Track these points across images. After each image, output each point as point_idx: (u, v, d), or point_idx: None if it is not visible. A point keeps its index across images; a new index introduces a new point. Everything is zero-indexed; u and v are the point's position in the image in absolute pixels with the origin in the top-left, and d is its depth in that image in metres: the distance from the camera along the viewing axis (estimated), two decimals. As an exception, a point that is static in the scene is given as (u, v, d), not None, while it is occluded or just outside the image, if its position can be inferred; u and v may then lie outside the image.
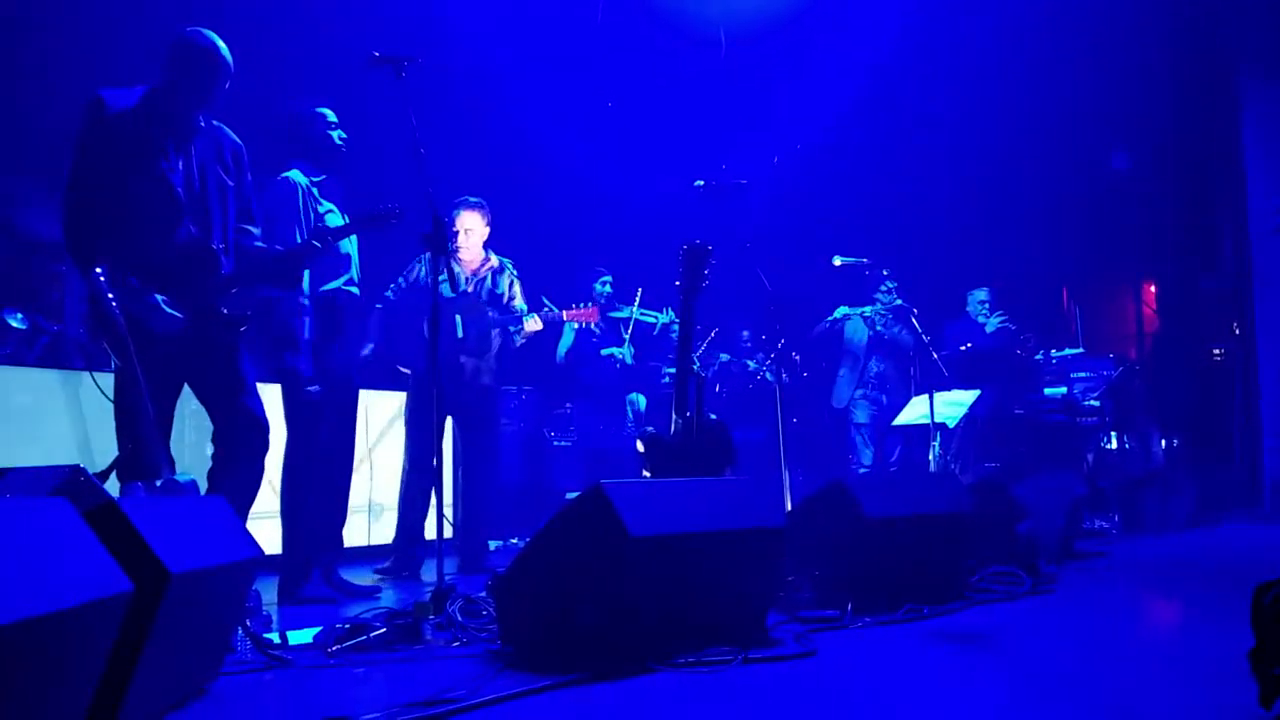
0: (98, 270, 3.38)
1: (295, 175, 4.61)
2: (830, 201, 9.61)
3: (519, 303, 5.73)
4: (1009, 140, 9.57)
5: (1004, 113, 9.35)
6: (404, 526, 5.44)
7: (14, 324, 5.78)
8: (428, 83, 4.16)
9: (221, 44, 3.79)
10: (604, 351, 7.21)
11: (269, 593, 4.30)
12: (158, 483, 3.39)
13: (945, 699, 2.52)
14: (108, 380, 3.61)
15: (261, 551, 2.91)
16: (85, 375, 5.08)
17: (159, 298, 3.60)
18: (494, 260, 5.73)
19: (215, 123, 3.91)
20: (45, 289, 6.24)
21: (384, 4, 7.08)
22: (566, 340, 7.21)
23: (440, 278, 3.96)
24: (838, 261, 7.10)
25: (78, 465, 2.94)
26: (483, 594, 3.53)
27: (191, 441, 5.25)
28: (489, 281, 5.68)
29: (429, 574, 5.38)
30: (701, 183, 5.46)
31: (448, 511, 6.10)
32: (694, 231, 4.72)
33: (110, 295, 3.36)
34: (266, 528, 4.93)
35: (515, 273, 5.80)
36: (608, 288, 7.22)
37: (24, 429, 4.84)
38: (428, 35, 6.54)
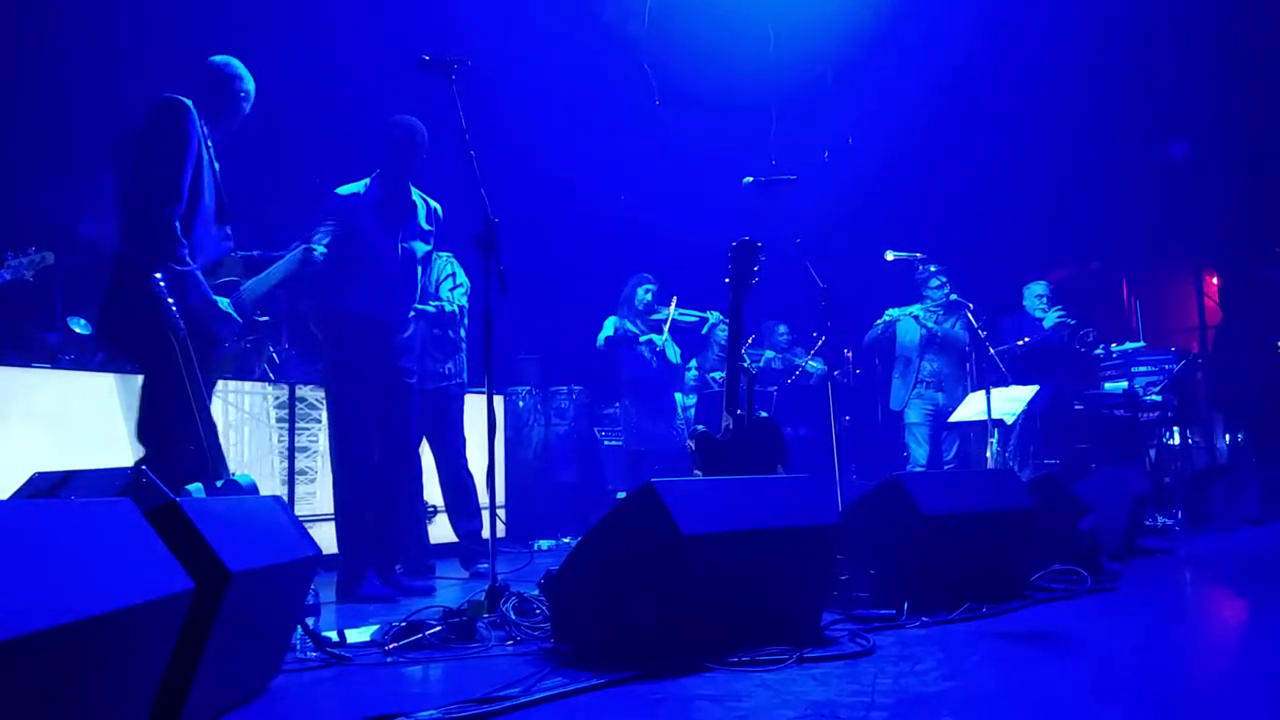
0: (158, 275, 3.45)
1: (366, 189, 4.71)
2: (882, 196, 9.52)
3: (445, 295, 5.70)
4: (1066, 130, 9.41)
5: (1061, 102, 9.20)
6: (413, 534, 5.48)
7: (78, 330, 5.92)
8: (465, 87, 4.19)
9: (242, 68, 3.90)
10: (642, 339, 7.18)
11: (328, 591, 4.35)
12: (218, 483, 3.45)
13: (1008, 698, 2.47)
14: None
15: (320, 550, 2.94)
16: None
17: (224, 301, 3.69)
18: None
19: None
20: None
21: (419, 10, 7.17)
22: (606, 330, 7.20)
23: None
24: (890, 256, 7.01)
25: (141, 467, 3.01)
26: (536, 592, 3.55)
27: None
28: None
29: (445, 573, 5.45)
30: (751, 179, 5.42)
31: (501, 512, 6.13)
32: (743, 229, 4.69)
33: (170, 300, 3.43)
34: (325, 530, 5.01)
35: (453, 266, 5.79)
36: (649, 295, 7.22)
37: (88, 432, 4.96)
38: (468, 41, 6.58)
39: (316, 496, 5.89)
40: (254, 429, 5.72)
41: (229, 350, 3.84)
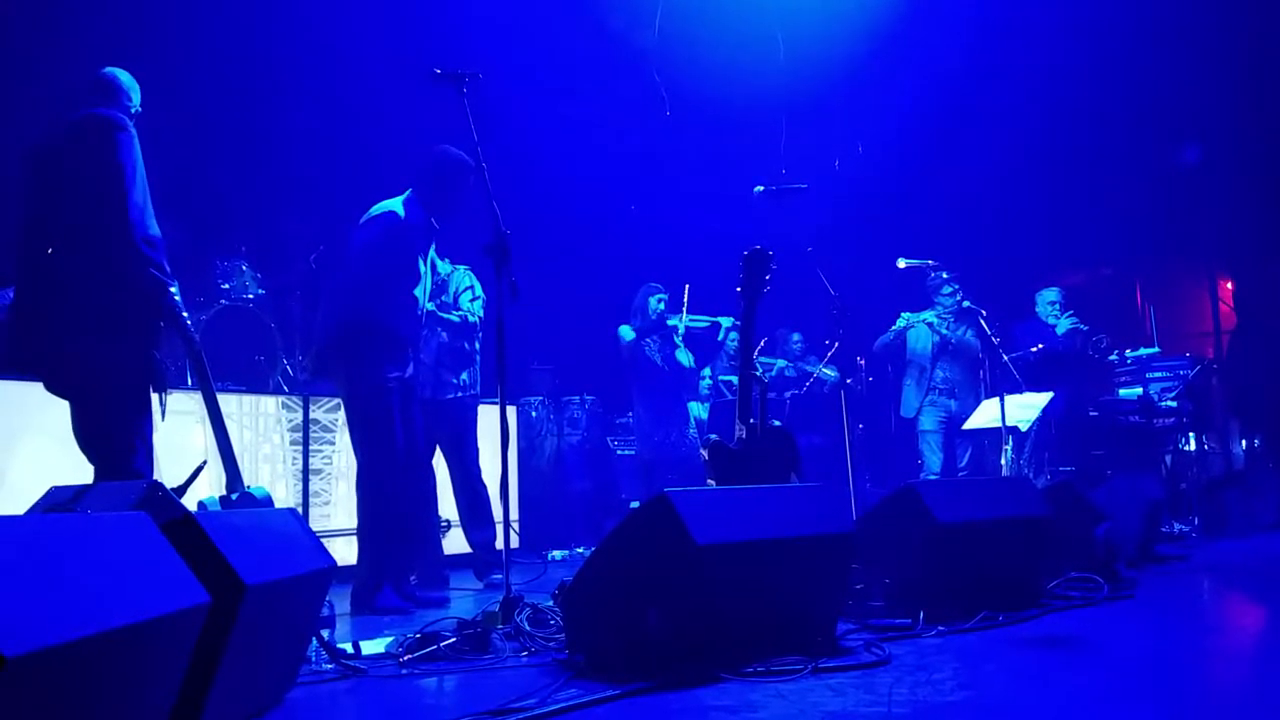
0: (173, 289, 3.48)
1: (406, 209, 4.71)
2: (894, 204, 9.50)
3: (465, 306, 5.76)
4: (1077, 135, 9.38)
5: (1072, 108, 9.17)
6: (428, 546, 5.48)
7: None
8: (475, 100, 4.21)
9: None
10: (669, 323, 7.15)
11: (342, 603, 4.35)
12: (233, 496, 3.47)
13: (1025, 707, 2.46)
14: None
15: (335, 562, 2.95)
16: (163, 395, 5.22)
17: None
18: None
19: None
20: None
21: (429, 25, 7.20)
22: (627, 335, 7.19)
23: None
24: (902, 264, 6.99)
25: (155, 480, 3.02)
26: (550, 603, 3.55)
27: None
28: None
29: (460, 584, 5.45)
30: (762, 188, 5.42)
31: (514, 523, 6.12)
32: (755, 238, 4.70)
33: (185, 314, 3.46)
34: (340, 544, 5.00)
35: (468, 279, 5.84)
36: (661, 304, 7.22)
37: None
38: (479, 55, 6.61)
39: (331, 519, 5.90)
40: (269, 451, 5.74)
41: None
